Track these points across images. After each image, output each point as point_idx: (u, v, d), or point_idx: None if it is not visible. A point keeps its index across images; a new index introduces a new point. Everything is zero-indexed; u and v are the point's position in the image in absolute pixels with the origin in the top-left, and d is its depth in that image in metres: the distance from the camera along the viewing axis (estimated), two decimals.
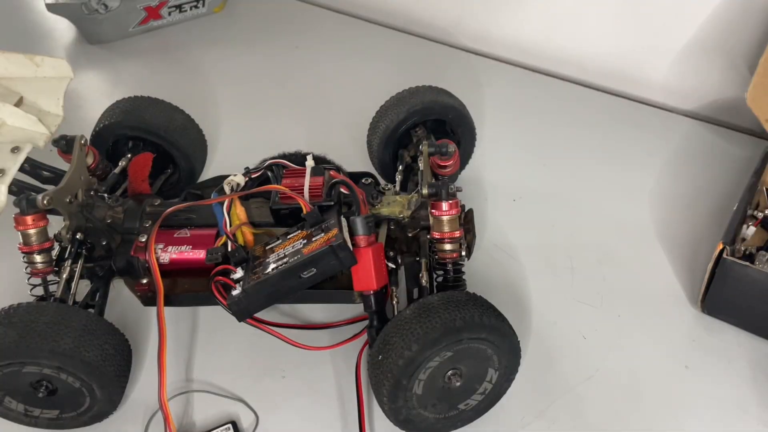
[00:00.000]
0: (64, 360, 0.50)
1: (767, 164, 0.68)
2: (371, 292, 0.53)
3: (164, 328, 0.53)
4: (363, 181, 0.60)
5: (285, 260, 0.51)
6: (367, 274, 0.52)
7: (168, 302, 0.56)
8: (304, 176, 0.57)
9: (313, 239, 0.51)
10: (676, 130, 0.85)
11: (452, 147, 0.61)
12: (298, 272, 0.51)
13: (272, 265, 0.51)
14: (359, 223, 0.52)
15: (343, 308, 0.64)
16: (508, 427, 0.58)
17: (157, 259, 0.56)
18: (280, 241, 0.54)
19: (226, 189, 0.57)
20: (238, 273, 0.53)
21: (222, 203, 0.55)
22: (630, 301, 0.67)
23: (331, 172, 0.58)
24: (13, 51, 0.61)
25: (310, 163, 0.58)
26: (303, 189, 0.56)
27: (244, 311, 0.52)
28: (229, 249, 0.55)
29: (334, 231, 0.51)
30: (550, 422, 0.59)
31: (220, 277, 0.54)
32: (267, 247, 0.54)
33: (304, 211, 0.53)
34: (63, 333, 0.50)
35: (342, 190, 0.57)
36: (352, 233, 0.53)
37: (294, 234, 0.53)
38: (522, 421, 0.59)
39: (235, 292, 0.52)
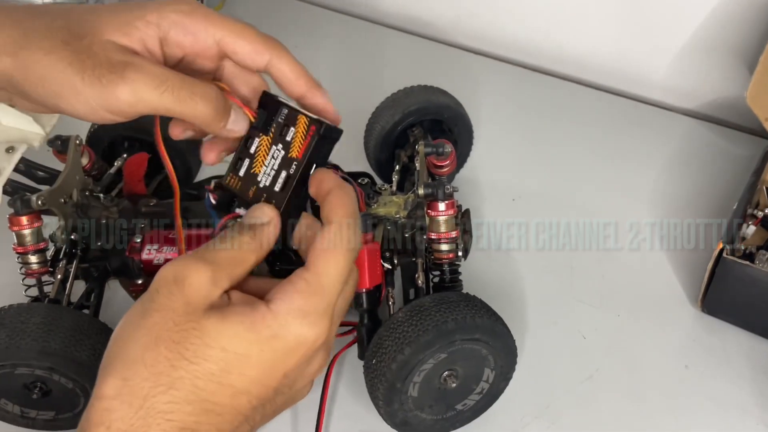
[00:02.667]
0: (54, 360, 0.49)
1: (767, 163, 0.68)
2: (363, 290, 0.52)
3: None
4: (359, 181, 0.59)
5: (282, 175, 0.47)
6: (360, 273, 0.51)
7: None
8: None
9: (288, 138, 0.46)
10: (676, 129, 0.85)
11: (449, 147, 0.61)
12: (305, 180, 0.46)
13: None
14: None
15: None
16: (508, 427, 0.58)
17: (152, 260, 0.55)
18: (250, 160, 0.47)
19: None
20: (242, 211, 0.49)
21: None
22: (630, 301, 0.67)
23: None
24: None
25: None
26: None
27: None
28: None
29: (303, 119, 0.46)
30: (549, 422, 0.58)
31: None
32: (245, 174, 0.48)
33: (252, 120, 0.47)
34: (53, 333, 0.50)
35: None
36: None
37: (257, 144, 0.47)
38: (522, 421, 0.58)
39: None
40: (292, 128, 0.46)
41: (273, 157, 0.47)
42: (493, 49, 0.96)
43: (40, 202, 0.53)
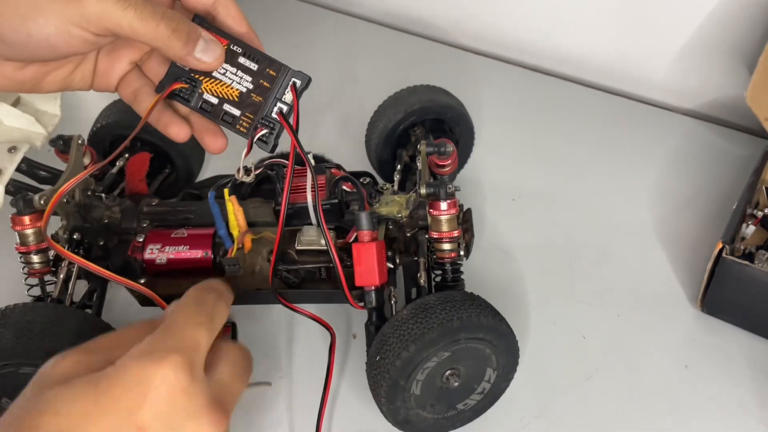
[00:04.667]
0: None
1: (767, 163, 0.68)
2: (372, 288, 0.53)
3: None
4: (361, 180, 0.59)
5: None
6: (370, 269, 0.52)
7: (166, 303, 0.56)
8: (306, 175, 0.56)
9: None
10: (676, 129, 0.85)
11: (450, 146, 0.61)
12: None
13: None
14: (364, 218, 0.52)
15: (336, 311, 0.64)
16: (508, 426, 0.58)
17: (155, 259, 0.56)
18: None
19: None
20: None
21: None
22: (629, 301, 0.67)
23: (332, 170, 0.58)
24: None
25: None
26: (305, 188, 0.55)
27: None
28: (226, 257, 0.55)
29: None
30: (550, 422, 0.59)
31: None
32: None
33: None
34: (59, 333, 0.50)
35: (345, 187, 0.56)
36: (357, 228, 0.52)
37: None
38: (522, 421, 0.58)
39: None
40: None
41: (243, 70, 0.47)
42: (493, 50, 0.97)
43: (42, 202, 0.53)
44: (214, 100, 0.47)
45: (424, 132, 0.68)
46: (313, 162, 0.58)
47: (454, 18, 0.97)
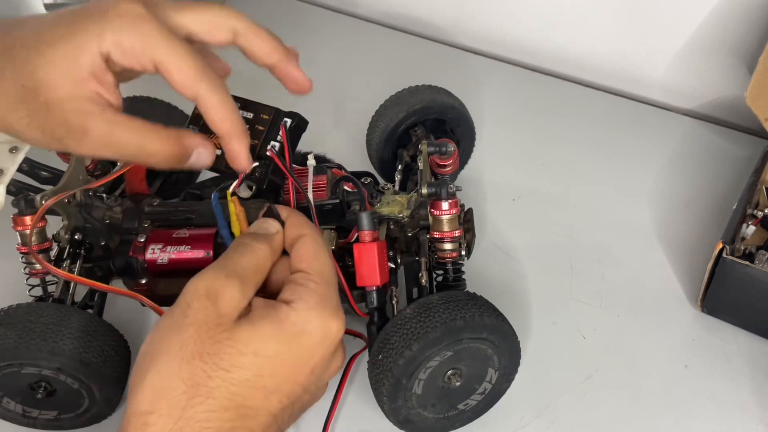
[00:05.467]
0: (63, 361, 0.50)
1: (767, 163, 0.68)
2: (374, 288, 0.53)
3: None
4: (362, 180, 0.59)
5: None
6: (371, 270, 0.52)
7: (168, 304, 0.56)
8: (307, 175, 0.56)
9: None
10: (676, 129, 0.85)
11: (451, 146, 0.61)
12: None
13: None
14: (365, 218, 0.52)
15: None
16: (508, 426, 0.58)
17: (156, 259, 0.56)
18: None
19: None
20: None
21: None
22: (629, 301, 0.67)
23: (333, 170, 0.58)
24: None
25: (311, 162, 0.58)
26: (307, 188, 0.55)
27: None
28: None
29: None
30: (549, 422, 0.59)
31: None
32: None
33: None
34: (63, 334, 0.50)
35: (346, 187, 0.56)
36: (358, 228, 0.52)
37: None
38: (521, 421, 0.59)
39: None
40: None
41: None
42: (493, 50, 0.97)
43: (43, 202, 0.53)
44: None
45: (425, 132, 0.68)
46: (314, 162, 0.58)
47: (455, 18, 0.97)
